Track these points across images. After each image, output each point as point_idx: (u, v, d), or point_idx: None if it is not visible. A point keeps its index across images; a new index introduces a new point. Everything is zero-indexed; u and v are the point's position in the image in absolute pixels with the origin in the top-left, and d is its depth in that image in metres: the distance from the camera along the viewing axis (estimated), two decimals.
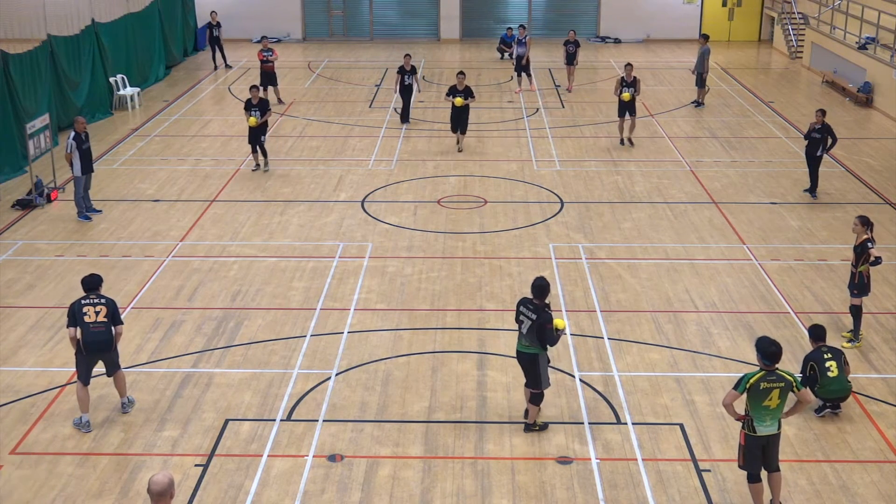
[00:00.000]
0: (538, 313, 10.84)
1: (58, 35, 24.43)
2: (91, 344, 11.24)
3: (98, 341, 11.25)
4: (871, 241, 13.18)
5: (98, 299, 11.42)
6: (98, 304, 11.35)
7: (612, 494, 10.19)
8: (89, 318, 11.26)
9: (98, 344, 11.26)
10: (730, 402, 9.48)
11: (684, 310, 14.48)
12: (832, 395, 11.55)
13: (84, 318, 11.24)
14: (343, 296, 14.87)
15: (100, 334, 11.25)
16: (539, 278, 11.07)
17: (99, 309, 11.31)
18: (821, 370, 11.48)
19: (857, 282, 13.27)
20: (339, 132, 24.54)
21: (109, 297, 11.58)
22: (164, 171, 21.20)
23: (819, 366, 11.51)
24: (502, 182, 20.40)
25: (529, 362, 11.02)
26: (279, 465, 10.70)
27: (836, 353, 11.74)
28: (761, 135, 24.30)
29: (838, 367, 11.55)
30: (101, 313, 11.30)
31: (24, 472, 10.57)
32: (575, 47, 28.22)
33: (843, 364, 11.65)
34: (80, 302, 11.39)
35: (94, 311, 11.28)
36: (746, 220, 18.08)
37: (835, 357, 11.64)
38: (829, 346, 11.84)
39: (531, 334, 10.89)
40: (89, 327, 11.24)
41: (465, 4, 39.00)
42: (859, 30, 29.20)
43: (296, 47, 37.48)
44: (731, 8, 38.74)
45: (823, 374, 11.48)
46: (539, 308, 10.89)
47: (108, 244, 17.01)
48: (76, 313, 11.26)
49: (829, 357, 11.60)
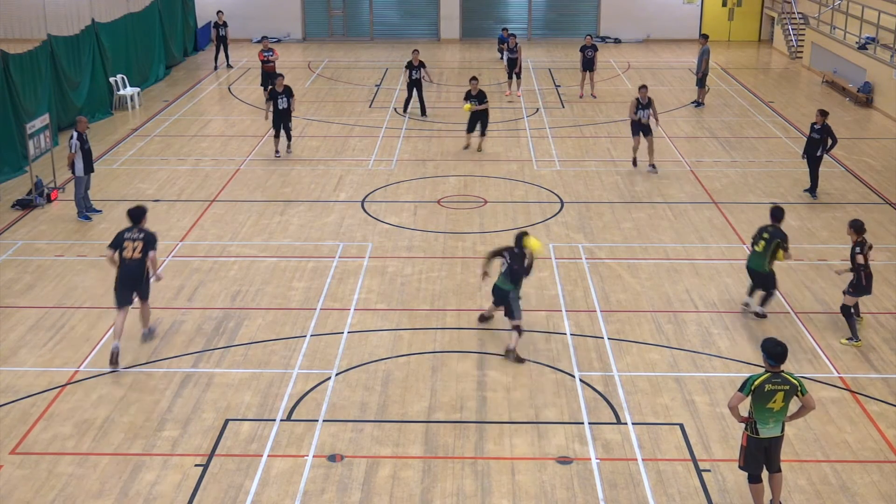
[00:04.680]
0: (514, 260, 12.98)
1: (58, 35, 24.44)
2: (124, 277, 12.68)
3: (130, 276, 12.68)
4: (860, 246, 13.29)
5: (138, 234, 12.78)
6: (137, 240, 12.71)
7: (612, 494, 10.20)
8: (127, 254, 12.69)
9: (130, 279, 12.71)
10: (735, 404, 9.47)
11: (684, 310, 14.48)
12: (747, 266, 13.97)
13: (123, 253, 12.69)
14: (343, 296, 14.87)
15: (133, 269, 12.65)
16: (520, 231, 13.22)
17: (137, 245, 12.68)
18: (753, 241, 13.71)
19: (852, 281, 13.39)
20: (339, 132, 24.55)
21: (150, 232, 12.93)
22: (164, 171, 21.21)
23: (754, 238, 13.71)
24: (502, 182, 20.40)
25: (503, 297, 13.13)
26: (279, 465, 10.70)
27: (777, 236, 13.60)
28: (761, 135, 24.30)
29: (766, 247, 13.54)
30: (138, 249, 12.66)
31: (24, 472, 10.57)
32: (594, 52, 27.89)
33: (773, 248, 13.52)
34: (123, 235, 12.79)
35: (132, 248, 12.69)
36: (746, 220, 18.07)
37: (771, 239, 13.52)
38: (775, 228, 13.67)
39: (506, 276, 13.00)
40: (125, 262, 12.68)
41: (465, 4, 39.01)
42: (859, 30, 29.21)
43: (296, 47, 37.50)
44: (731, 8, 38.75)
45: (753, 245, 13.73)
46: (516, 255, 12.99)
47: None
48: (120, 243, 12.71)
49: (765, 236, 13.60)
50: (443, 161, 21.97)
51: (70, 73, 24.42)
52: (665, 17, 38.58)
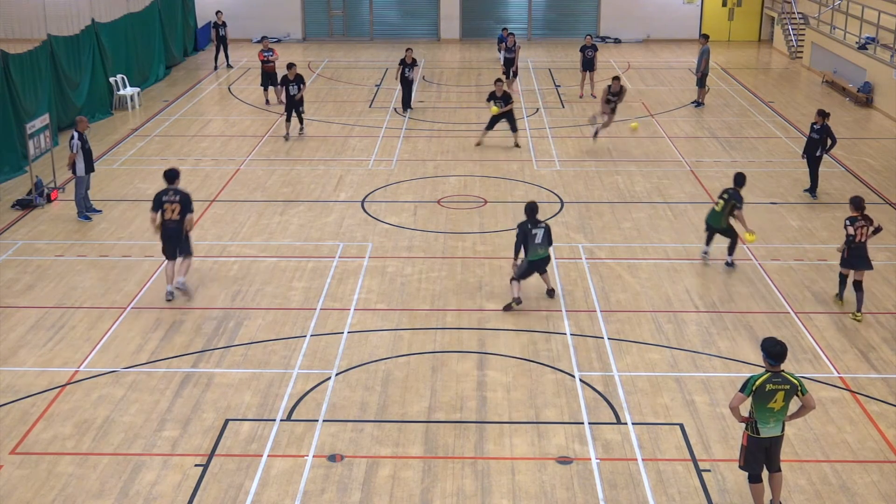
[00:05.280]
0: (543, 223, 14.29)
1: (58, 35, 24.44)
2: (165, 236, 14.40)
3: (172, 235, 14.37)
4: (851, 220, 14.13)
5: (175, 196, 14.28)
6: (174, 202, 14.25)
7: (612, 494, 10.20)
8: (167, 215, 14.29)
9: (172, 237, 14.38)
10: (736, 404, 9.47)
11: (684, 310, 14.48)
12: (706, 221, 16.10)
13: (164, 215, 14.26)
14: (343, 296, 14.88)
15: (173, 230, 14.35)
16: (531, 202, 14.37)
17: (174, 207, 14.24)
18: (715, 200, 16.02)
19: (845, 255, 14.30)
20: (339, 132, 24.56)
21: (185, 193, 14.47)
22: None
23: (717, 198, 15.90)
24: (502, 182, 20.40)
25: (547, 262, 14.44)
26: (279, 465, 10.70)
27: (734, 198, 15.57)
28: (761, 135, 24.30)
29: (723, 207, 15.58)
30: (176, 210, 14.25)
31: (24, 472, 10.57)
32: (594, 52, 27.99)
33: (729, 208, 15.44)
34: (161, 198, 14.28)
35: (171, 209, 14.24)
36: (746, 219, 18.01)
37: (729, 200, 15.52)
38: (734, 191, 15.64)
39: (545, 241, 14.19)
40: (166, 222, 14.32)
41: (465, 4, 39.01)
42: (859, 30, 29.21)
43: (296, 47, 37.50)
44: (731, 8, 38.76)
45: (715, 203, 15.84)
46: (540, 220, 14.29)
47: (109, 244, 17.02)
48: (160, 205, 14.22)
49: (724, 197, 15.56)
50: (443, 161, 21.98)
51: (70, 73, 24.42)
52: (665, 17, 38.58)
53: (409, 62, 25.65)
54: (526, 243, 14.15)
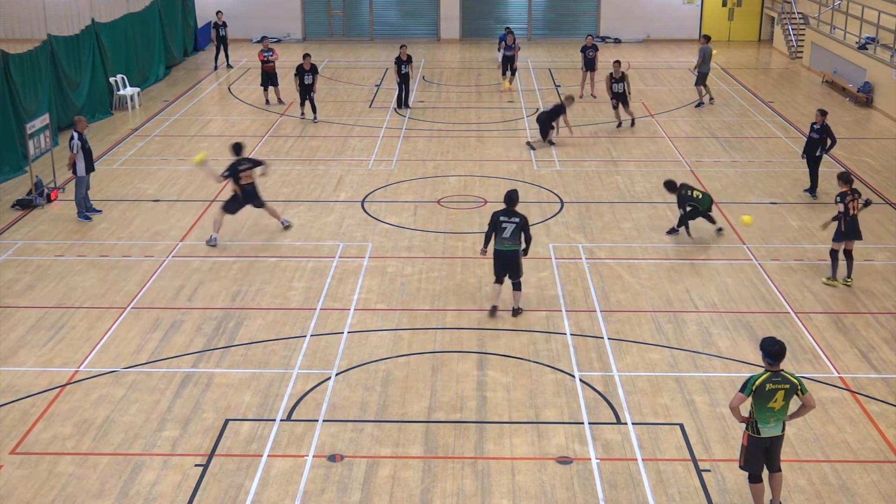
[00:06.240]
0: (518, 217, 13.80)
1: (58, 35, 24.43)
2: (244, 196, 16.82)
3: (248, 195, 16.86)
4: (841, 195, 14.97)
5: (248, 164, 16.79)
6: (249, 169, 16.73)
7: (612, 494, 10.20)
8: (244, 181, 16.67)
9: (248, 196, 16.88)
10: (736, 404, 9.46)
11: (684, 310, 14.48)
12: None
13: (241, 182, 16.62)
14: (343, 296, 14.87)
15: (250, 191, 16.86)
16: (510, 190, 14.06)
17: (250, 173, 16.74)
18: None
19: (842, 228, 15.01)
20: (339, 132, 24.55)
21: (255, 160, 17.17)
22: (164, 171, 21.21)
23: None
24: (502, 182, 20.39)
25: (515, 256, 13.88)
26: (279, 465, 10.70)
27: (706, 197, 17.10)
28: (761, 135, 24.30)
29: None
30: (252, 176, 16.78)
31: (24, 472, 10.57)
32: (594, 52, 28.08)
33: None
34: (237, 167, 16.59)
35: (248, 175, 16.70)
36: (746, 219, 18.02)
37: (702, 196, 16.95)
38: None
39: (515, 235, 13.77)
40: (244, 187, 16.69)
41: (465, 4, 39.01)
42: (859, 30, 29.20)
43: (296, 47, 37.45)
44: (731, 8, 38.75)
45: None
46: (517, 213, 13.82)
47: (109, 244, 17.02)
48: (236, 173, 16.58)
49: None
50: (443, 161, 21.97)
51: (70, 73, 24.42)
52: (665, 17, 38.57)
53: (403, 58, 25.93)
54: (495, 233, 13.91)
